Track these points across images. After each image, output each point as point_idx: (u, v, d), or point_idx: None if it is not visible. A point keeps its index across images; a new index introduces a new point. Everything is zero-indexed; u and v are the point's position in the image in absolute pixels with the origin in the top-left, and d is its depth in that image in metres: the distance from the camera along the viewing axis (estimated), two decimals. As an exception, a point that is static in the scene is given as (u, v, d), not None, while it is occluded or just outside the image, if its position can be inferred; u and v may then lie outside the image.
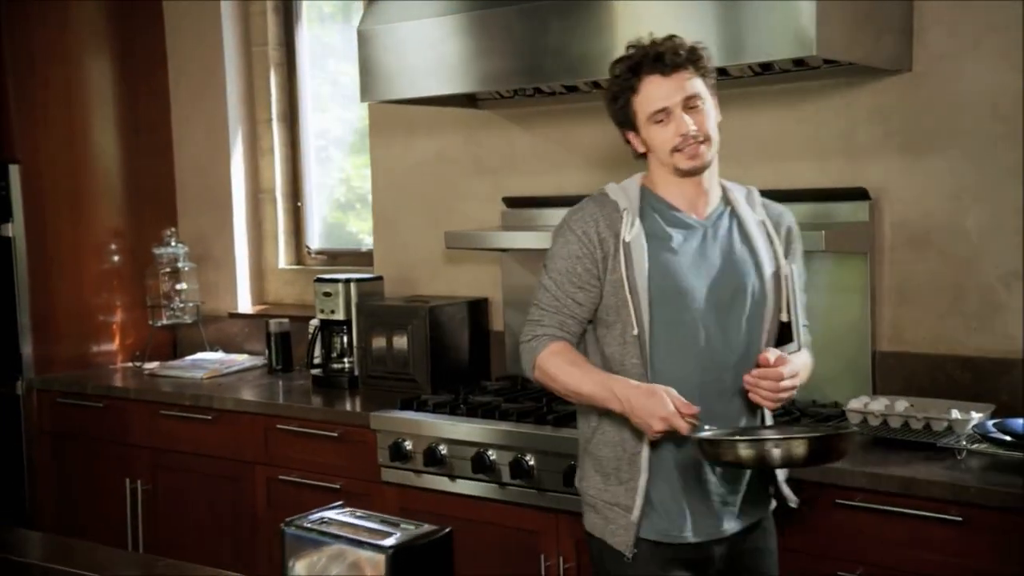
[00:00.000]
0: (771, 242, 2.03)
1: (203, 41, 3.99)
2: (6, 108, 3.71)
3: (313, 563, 1.39)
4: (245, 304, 4.04)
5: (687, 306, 1.96)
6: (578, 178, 3.12)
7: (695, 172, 1.98)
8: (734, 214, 2.04)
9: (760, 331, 1.99)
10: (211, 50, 3.97)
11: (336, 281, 3.35)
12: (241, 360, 3.74)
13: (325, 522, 1.42)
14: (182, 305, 3.91)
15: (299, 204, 4.05)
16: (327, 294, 3.34)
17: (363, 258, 3.79)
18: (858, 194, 2.67)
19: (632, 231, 1.97)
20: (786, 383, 1.90)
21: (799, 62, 2.55)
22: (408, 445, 2.79)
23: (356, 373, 3.31)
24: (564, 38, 2.62)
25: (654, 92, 1.93)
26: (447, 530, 1.39)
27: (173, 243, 3.92)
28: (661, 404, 1.85)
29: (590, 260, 1.98)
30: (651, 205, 2.02)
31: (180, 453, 3.37)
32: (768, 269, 2.00)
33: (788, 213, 2.11)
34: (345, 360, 3.36)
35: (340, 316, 3.33)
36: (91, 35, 3.90)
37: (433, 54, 2.85)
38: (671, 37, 1.97)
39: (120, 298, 3.98)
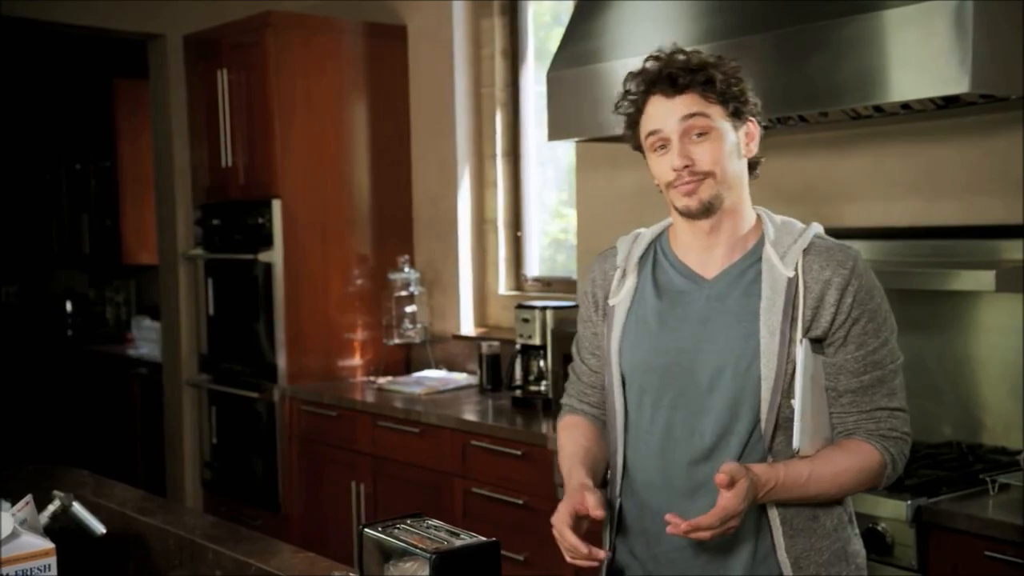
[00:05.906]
0: (793, 307, 1.62)
1: (439, 83, 4.31)
2: (272, 151, 4.20)
3: (383, 562, 1.57)
4: (468, 327, 4.31)
5: (648, 388, 1.70)
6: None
7: (693, 214, 1.67)
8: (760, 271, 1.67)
9: (741, 420, 1.63)
10: (445, 91, 4.28)
11: (533, 308, 3.55)
12: (459, 379, 4.02)
13: (396, 528, 1.60)
14: (412, 326, 4.27)
15: (519, 234, 4.29)
16: (525, 320, 3.55)
17: (575, 286, 3.97)
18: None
19: (620, 292, 1.75)
20: (705, 521, 1.51)
21: (987, 96, 2.44)
22: (580, 467, 2.93)
23: (551, 395, 3.48)
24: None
25: (653, 112, 1.69)
26: (493, 540, 1.52)
27: (406, 268, 4.27)
28: (557, 534, 1.61)
29: (594, 324, 1.80)
30: (663, 258, 1.76)
31: (394, 461, 3.69)
32: (770, 343, 1.61)
33: (843, 271, 1.63)
34: (542, 383, 3.54)
35: (536, 341, 3.52)
36: (346, 83, 4.32)
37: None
38: (683, 52, 1.68)
39: (361, 318, 4.37)
